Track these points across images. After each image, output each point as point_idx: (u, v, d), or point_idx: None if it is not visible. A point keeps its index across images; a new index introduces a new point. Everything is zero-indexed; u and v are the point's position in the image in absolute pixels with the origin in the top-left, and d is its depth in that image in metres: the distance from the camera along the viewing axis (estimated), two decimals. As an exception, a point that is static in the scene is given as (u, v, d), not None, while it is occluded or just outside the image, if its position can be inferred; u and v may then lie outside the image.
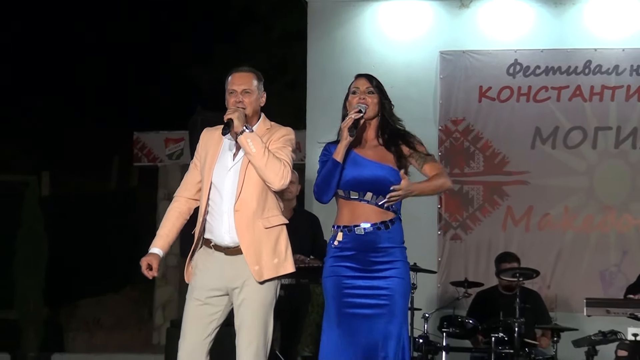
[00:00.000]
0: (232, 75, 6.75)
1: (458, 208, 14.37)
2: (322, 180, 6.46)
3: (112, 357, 16.18)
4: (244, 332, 6.50)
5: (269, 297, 6.55)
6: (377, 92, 6.58)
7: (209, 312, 6.55)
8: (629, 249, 14.10)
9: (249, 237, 6.51)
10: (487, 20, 14.77)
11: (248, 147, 6.46)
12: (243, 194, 6.53)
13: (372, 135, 6.56)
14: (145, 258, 6.66)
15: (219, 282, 6.55)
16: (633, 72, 14.41)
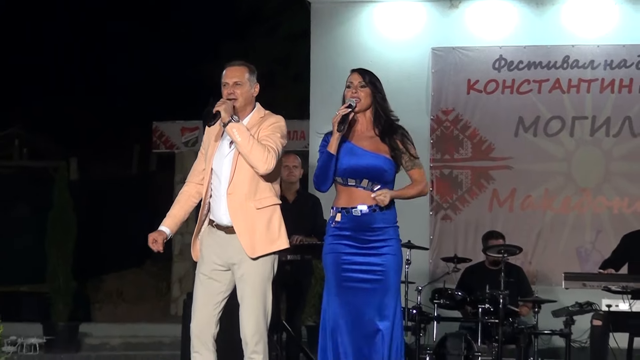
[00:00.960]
0: (225, 69, 6.78)
1: (448, 191, 14.41)
2: (319, 171, 6.45)
3: (134, 327, 16.14)
4: (245, 304, 6.52)
5: (266, 271, 6.55)
6: (369, 86, 6.52)
7: (215, 285, 6.56)
8: (603, 228, 14.14)
9: (242, 218, 6.53)
10: (474, 20, 14.75)
11: (234, 136, 6.49)
12: (235, 178, 6.55)
13: (368, 126, 6.52)
14: (152, 233, 6.69)
15: (221, 258, 6.57)
16: (607, 67, 14.45)
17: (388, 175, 6.43)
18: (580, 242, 14.21)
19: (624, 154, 14.38)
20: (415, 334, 9.78)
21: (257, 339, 6.50)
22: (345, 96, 6.50)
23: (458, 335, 10.01)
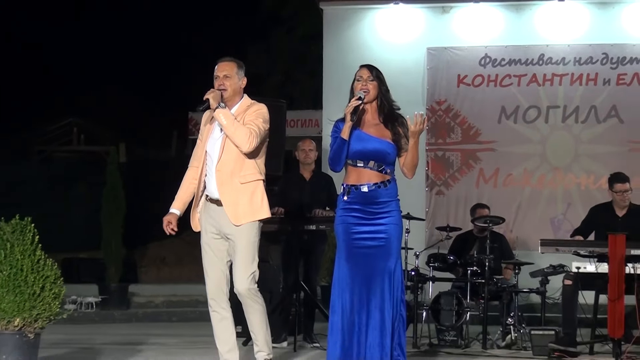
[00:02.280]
0: (217, 64, 6.80)
1: (441, 170, 14.44)
2: (334, 154, 6.42)
3: (174, 287, 16.20)
4: (236, 264, 6.52)
5: (251, 236, 6.54)
6: (376, 80, 6.50)
7: (217, 252, 6.57)
8: (572, 201, 14.18)
9: (227, 191, 6.51)
10: (463, 24, 14.72)
11: (220, 119, 6.49)
12: (223, 157, 6.54)
13: (374, 115, 6.49)
14: (166, 217, 6.71)
15: (216, 227, 6.57)
16: (576, 63, 14.50)
17: (391, 157, 6.42)
18: (554, 213, 14.25)
19: (591, 138, 14.41)
20: (413, 293, 9.75)
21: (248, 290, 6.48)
22: (354, 88, 6.47)
23: (450, 293, 9.97)
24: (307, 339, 9.33)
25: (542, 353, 8.82)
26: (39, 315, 6.52)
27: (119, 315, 14.07)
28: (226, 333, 6.54)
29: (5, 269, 6.48)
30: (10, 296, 6.43)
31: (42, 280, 6.56)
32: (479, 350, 9.24)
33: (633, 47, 14.38)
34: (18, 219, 6.68)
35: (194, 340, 9.92)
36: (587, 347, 9.07)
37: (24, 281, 6.47)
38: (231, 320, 6.58)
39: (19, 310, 6.44)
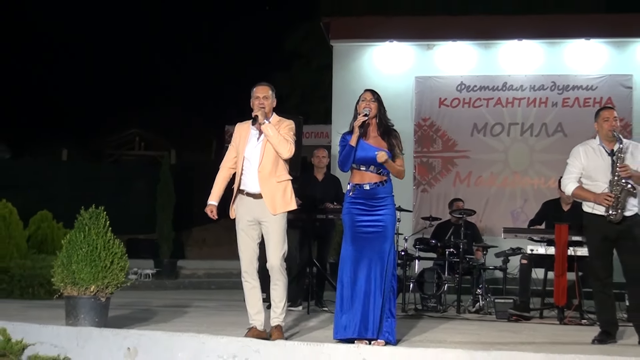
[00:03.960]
0: (256, 87, 6.69)
1: (425, 172, 14.44)
2: (343, 158, 6.42)
3: (213, 263, 16.19)
4: (271, 245, 6.47)
5: (283, 223, 6.52)
6: (377, 102, 6.49)
7: (250, 235, 6.53)
8: (528, 198, 14.18)
9: (267, 188, 6.48)
10: (444, 58, 14.73)
11: (267, 132, 6.46)
12: (263, 161, 6.49)
13: (374, 129, 6.49)
14: (207, 208, 6.70)
15: (251, 215, 6.51)
16: (531, 89, 14.54)
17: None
18: (513, 207, 14.25)
19: (542, 149, 14.42)
20: (403, 269, 9.73)
21: (281, 267, 6.48)
22: (359, 107, 6.46)
23: (432, 269, 9.95)
24: (318, 304, 9.32)
25: (503, 317, 8.80)
26: (109, 283, 6.53)
27: (169, 284, 14.08)
28: (255, 298, 6.53)
29: (84, 247, 6.50)
30: (87, 268, 6.44)
31: (112, 256, 6.57)
32: (454, 314, 9.21)
33: (575, 77, 14.43)
34: (94, 208, 6.70)
35: (229, 304, 9.91)
36: (538, 312, 9.05)
37: (98, 256, 6.48)
38: (259, 289, 6.57)
39: (93, 279, 6.45)
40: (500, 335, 7.36)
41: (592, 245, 7.00)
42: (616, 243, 6.82)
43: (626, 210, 6.78)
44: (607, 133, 6.92)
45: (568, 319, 8.47)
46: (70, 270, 6.46)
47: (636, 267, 6.75)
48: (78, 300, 6.46)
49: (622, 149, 6.82)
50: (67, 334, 6.09)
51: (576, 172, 7.04)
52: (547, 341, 6.98)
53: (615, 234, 6.77)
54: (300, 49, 22.21)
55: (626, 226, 6.77)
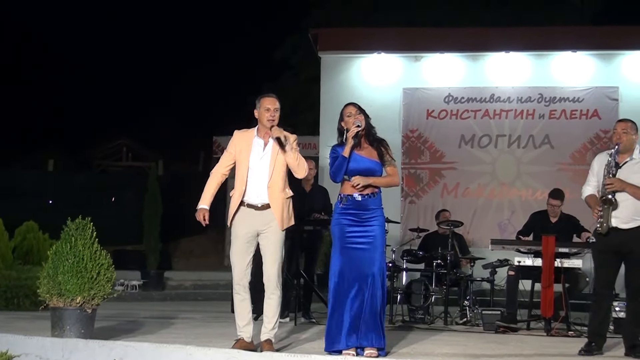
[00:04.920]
0: (266, 98, 6.57)
1: (413, 184, 14.46)
2: (336, 169, 6.39)
3: (200, 274, 16.15)
4: (268, 258, 6.42)
5: (282, 236, 6.48)
6: (362, 113, 6.49)
7: (246, 247, 6.46)
8: (515, 209, 14.21)
9: (277, 203, 6.43)
10: (432, 69, 14.78)
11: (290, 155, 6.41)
12: (273, 177, 6.44)
13: (363, 140, 6.48)
14: (199, 212, 6.56)
15: (252, 227, 6.45)
16: (518, 101, 14.58)
17: (378, 174, 6.41)
18: (501, 218, 14.29)
19: (529, 160, 14.46)
20: (390, 280, 9.71)
21: (277, 280, 6.43)
22: (346, 123, 6.43)
23: (419, 280, 9.95)
24: (306, 315, 9.30)
25: (491, 328, 8.80)
26: (96, 295, 6.49)
27: (156, 295, 14.02)
28: (245, 311, 6.49)
29: (70, 258, 6.46)
30: (73, 279, 6.41)
31: (98, 267, 6.53)
32: (441, 326, 9.21)
33: (562, 89, 14.48)
34: (80, 219, 6.67)
35: (216, 316, 9.88)
36: (525, 324, 9.05)
37: (84, 268, 6.45)
38: (249, 301, 6.53)
39: (80, 291, 6.41)
40: (487, 346, 7.36)
41: (595, 255, 6.96)
42: (622, 256, 6.76)
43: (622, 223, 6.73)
44: (614, 144, 6.83)
45: (555, 330, 8.48)
46: (56, 281, 6.43)
47: (633, 283, 6.71)
48: (64, 311, 6.42)
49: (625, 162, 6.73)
50: (53, 345, 6.05)
51: (592, 180, 6.97)
52: (534, 353, 6.99)
53: (614, 246, 6.70)
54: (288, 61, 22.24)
55: (624, 240, 6.67)
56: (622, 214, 6.68)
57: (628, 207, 6.68)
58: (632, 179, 6.70)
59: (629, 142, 6.80)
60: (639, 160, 6.80)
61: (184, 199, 20.32)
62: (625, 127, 6.84)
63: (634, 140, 6.83)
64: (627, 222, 6.69)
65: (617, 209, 6.67)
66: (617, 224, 6.69)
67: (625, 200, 6.68)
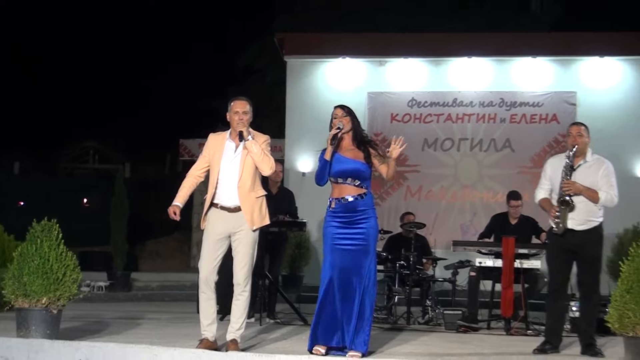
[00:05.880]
0: (236, 101, 6.58)
1: (377, 186, 14.50)
2: (319, 172, 6.40)
3: (166, 275, 16.06)
4: (239, 258, 6.42)
5: (255, 237, 6.47)
6: (349, 116, 6.47)
7: (216, 247, 6.45)
8: (477, 211, 14.32)
9: (247, 203, 6.42)
10: (396, 74, 14.87)
11: (252, 150, 6.39)
12: (243, 177, 6.43)
13: (350, 142, 6.46)
14: (170, 208, 6.51)
15: (223, 229, 6.43)
16: (480, 105, 14.69)
17: (364, 174, 6.39)
18: (463, 220, 14.38)
19: (491, 163, 14.59)
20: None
21: (246, 281, 6.42)
22: (333, 124, 6.44)
23: (382, 281, 9.95)
24: (271, 316, 9.29)
25: (452, 328, 8.85)
26: (61, 295, 6.44)
27: (123, 296, 13.90)
28: (210, 310, 6.47)
29: (35, 259, 6.41)
30: (39, 280, 6.36)
31: (64, 268, 6.48)
32: (404, 326, 9.23)
33: (522, 94, 14.64)
34: (46, 221, 6.62)
35: (182, 317, 9.83)
36: (486, 323, 9.12)
37: (50, 269, 6.40)
38: (215, 301, 6.52)
39: (45, 292, 6.36)
40: (449, 346, 7.40)
41: (548, 256, 7.07)
42: (576, 256, 6.86)
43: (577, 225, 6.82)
44: (569, 148, 6.94)
45: (514, 329, 8.55)
46: (22, 282, 6.38)
47: (586, 283, 6.82)
48: (29, 312, 6.37)
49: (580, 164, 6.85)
50: (18, 345, 6.01)
51: (545, 183, 7.07)
52: (494, 352, 7.04)
53: (569, 247, 6.80)
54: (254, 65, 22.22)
55: (579, 241, 6.78)
56: (577, 215, 6.78)
57: (582, 209, 6.78)
58: (586, 181, 6.79)
59: (583, 144, 6.90)
60: (592, 162, 6.90)
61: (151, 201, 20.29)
62: (579, 130, 6.94)
63: (587, 143, 6.94)
64: (582, 223, 6.79)
65: (574, 210, 6.76)
66: (572, 225, 6.79)
67: (580, 203, 6.77)
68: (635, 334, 5.74)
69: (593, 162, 6.91)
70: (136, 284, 15.06)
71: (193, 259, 17.44)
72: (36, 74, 27.90)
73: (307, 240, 13.91)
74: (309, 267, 13.89)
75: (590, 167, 6.87)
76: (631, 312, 5.74)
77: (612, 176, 6.87)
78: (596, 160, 6.93)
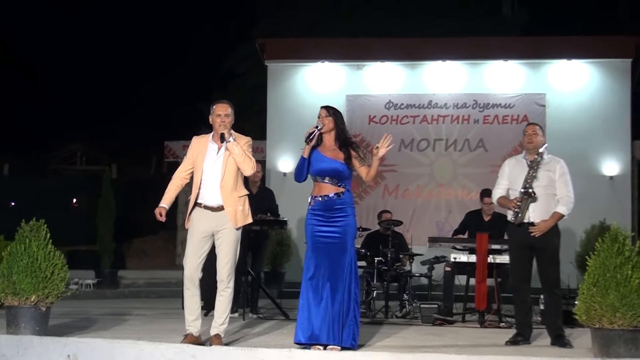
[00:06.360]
0: (218, 104, 6.59)
1: (356, 185, 14.48)
2: (296, 169, 6.40)
3: (152, 272, 16.03)
4: (222, 255, 6.42)
5: (238, 235, 6.47)
6: (332, 117, 6.45)
7: (200, 245, 6.45)
8: (452, 209, 14.36)
9: (230, 202, 6.42)
10: (373, 77, 14.91)
11: (234, 151, 6.39)
12: (225, 177, 6.43)
13: (332, 142, 6.45)
14: (157, 209, 6.51)
15: (207, 227, 6.44)
16: (454, 107, 14.75)
17: (343, 174, 6.38)
18: (438, 217, 14.43)
19: (465, 163, 14.65)
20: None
21: (229, 277, 6.42)
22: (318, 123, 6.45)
23: (361, 276, 9.94)
24: (254, 311, 9.29)
25: (428, 321, 8.87)
26: (50, 293, 6.43)
27: (110, 293, 13.86)
28: (194, 306, 6.46)
29: (24, 258, 6.39)
30: (28, 279, 6.34)
31: (52, 267, 6.47)
32: (382, 319, 9.26)
33: (494, 95, 14.71)
34: (35, 221, 6.59)
35: (167, 312, 9.82)
36: (461, 316, 9.16)
37: (38, 268, 6.38)
38: (199, 297, 6.51)
39: (34, 290, 6.35)
40: (425, 338, 7.43)
41: (511, 252, 7.18)
42: (535, 252, 6.96)
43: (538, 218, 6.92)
44: (526, 146, 7.14)
45: (488, 322, 8.59)
46: (11, 280, 6.36)
47: (547, 275, 6.93)
48: (19, 309, 6.35)
49: (537, 160, 7.00)
50: (8, 342, 5.99)
51: (503, 182, 7.22)
52: (468, 343, 7.07)
53: (530, 241, 6.90)
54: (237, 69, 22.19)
55: (542, 236, 6.89)
56: (538, 209, 6.93)
57: (542, 203, 6.93)
58: (545, 179, 6.95)
59: (538, 142, 7.07)
60: (549, 161, 7.07)
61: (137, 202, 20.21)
62: (534, 129, 7.17)
63: (541, 141, 7.10)
64: (542, 217, 6.92)
65: (536, 202, 6.86)
66: (533, 218, 6.93)
67: (541, 196, 6.94)
68: (601, 326, 5.78)
69: (549, 160, 7.09)
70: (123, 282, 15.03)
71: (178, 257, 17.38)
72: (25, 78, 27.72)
73: (288, 238, 13.92)
74: (290, 263, 13.90)
75: (548, 165, 7.04)
76: (597, 304, 5.78)
77: (567, 174, 7.06)
78: (552, 159, 7.12)
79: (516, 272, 7.05)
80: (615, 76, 14.67)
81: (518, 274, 7.03)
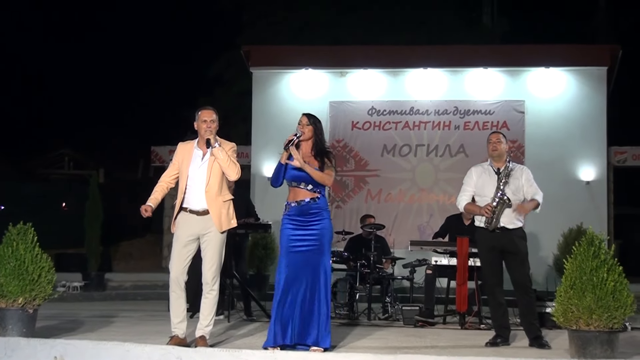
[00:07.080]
0: (203, 110, 6.59)
1: (339, 190, 14.56)
2: (273, 174, 6.43)
3: (139, 275, 15.94)
4: (208, 258, 6.41)
5: (223, 238, 6.47)
6: (312, 125, 6.46)
7: (186, 249, 6.44)
8: (433, 213, 14.39)
9: (214, 207, 6.43)
10: (356, 84, 14.92)
11: (219, 156, 6.40)
12: (210, 182, 6.43)
13: (309, 149, 6.46)
14: (144, 206, 6.50)
15: (193, 231, 6.44)
16: (436, 114, 14.79)
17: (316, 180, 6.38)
18: (420, 221, 14.46)
19: (446, 168, 14.68)
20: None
21: (214, 280, 6.41)
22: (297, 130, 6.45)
23: (345, 279, 9.98)
24: (247, 313, 9.27)
25: (410, 323, 8.88)
26: (37, 296, 6.39)
27: (97, 296, 13.79)
28: (180, 308, 6.46)
29: (12, 261, 6.36)
30: (15, 281, 6.31)
31: (40, 269, 6.43)
32: (365, 321, 9.26)
33: (475, 102, 14.76)
34: (22, 224, 6.55)
35: (153, 314, 9.78)
36: (442, 318, 9.17)
37: (25, 270, 6.35)
38: (185, 299, 6.50)
39: (21, 292, 6.31)
40: (406, 339, 7.44)
41: (482, 256, 7.24)
42: (503, 255, 7.02)
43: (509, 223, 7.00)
44: (491, 153, 7.29)
45: (468, 324, 8.61)
46: (-1, 283, 6.31)
47: (519, 279, 6.98)
48: (6, 311, 6.32)
49: (507, 167, 7.07)
50: (-5, 344, 5.93)
51: (469, 189, 7.30)
52: (449, 345, 7.09)
53: (501, 246, 6.97)
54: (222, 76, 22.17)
55: (510, 239, 6.99)
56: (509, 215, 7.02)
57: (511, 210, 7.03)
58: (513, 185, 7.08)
59: (503, 150, 7.23)
60: (514, 168, 7.20)
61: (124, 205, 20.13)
62: (498, 137, 7.33)
63: (505, 149, 7.24)
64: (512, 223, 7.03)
65: (510, 207, 6.91)
66: (504, 223, 7.03)
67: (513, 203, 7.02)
68: (578, 327, 5.81)
69: (514, 167, 7.23)
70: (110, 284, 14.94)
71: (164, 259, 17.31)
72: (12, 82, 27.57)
73: (272, 241, 13.89)
74: (274, 266, 13.83)
75: (515, 172, 7.17)
76: (574, 306, 5.81)
77: (533, 179, 7.21)
78: (517, 167, 7.27)
79: (489, 276, 7.11)
80: (592, 84, 14.76)
81: (491, 278, 7.09)
